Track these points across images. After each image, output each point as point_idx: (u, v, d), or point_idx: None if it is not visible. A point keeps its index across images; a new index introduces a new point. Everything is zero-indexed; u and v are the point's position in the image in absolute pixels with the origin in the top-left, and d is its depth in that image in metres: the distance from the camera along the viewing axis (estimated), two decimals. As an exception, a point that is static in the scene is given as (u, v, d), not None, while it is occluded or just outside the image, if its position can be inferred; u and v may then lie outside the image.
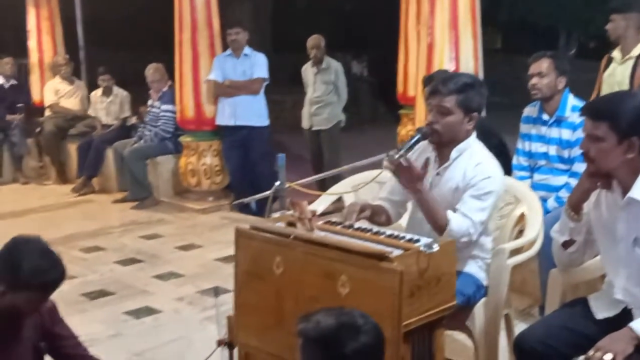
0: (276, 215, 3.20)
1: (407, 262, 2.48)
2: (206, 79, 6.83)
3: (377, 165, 3.75)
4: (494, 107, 7.43)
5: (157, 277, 5.08)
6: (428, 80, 4.41)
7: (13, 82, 8.66)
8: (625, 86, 4.57)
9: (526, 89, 4.09)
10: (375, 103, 14.46)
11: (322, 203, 3.73)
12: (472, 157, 3.00)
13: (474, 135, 3.06)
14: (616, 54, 4.69)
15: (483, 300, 3.07)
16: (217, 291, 3.34)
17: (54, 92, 8.54)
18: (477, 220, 2.90)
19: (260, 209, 5.64)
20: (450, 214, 2.88)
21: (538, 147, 4.10)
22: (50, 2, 9.29)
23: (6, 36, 9.75)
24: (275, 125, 7.15)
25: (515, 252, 3.19)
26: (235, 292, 2.99)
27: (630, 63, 4.59)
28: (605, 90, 4.74)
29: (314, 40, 7.43)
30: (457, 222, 2.87)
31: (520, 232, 3.38)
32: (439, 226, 2.87)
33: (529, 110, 4.18)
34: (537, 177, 4.12)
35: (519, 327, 3.67)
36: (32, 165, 8.71)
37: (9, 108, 8.41)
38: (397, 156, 2.88)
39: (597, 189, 2.60)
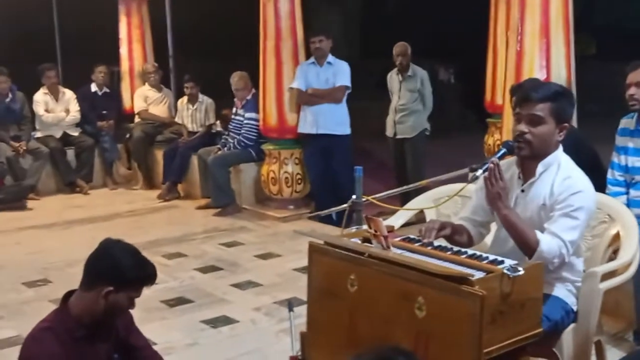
0: (352, 229, 3.11)
1: (489, 286, 2.33)
2: (289, 87, 6.81)
3: (460, 178, 3.60)
4: (587, 116, 7.13)
5: (235, 286, 5.07)
6: (516, 89, 4.20)
7: (106, 90, 8.91)
8: None
9: (622, 97, 3.84)
10: (463, 110, 14.17)
11: (400, 217, 3.61)
12: (560, 172, 2.80)
13: (560, 148, 2.87)
14: None
15: (572, 326, 2.87)
16: (291, 305, 3.27)
17: (143, 99, 8.75)
18: (569, 240, 2.70)
19: (340, 219, 5.56)
20: (539, 234, 2.69)
21: (635, 162, 3.83)
22: (141, 11, 9.53)
23: (104, 44, 10.09)
24: (360, 132, 7.06)
25: (609, 274, 2.97)
26: (309, 308, 2.92)
27: None
28: None
29: (400, 48, 7.30)
30: (547, 243, 2.67)
31: (615, 253, 3.15)
32: (529, 248, 2.68)
33: (626, 122, 3.92)
34: (634, 193, 3.84)
35: (611, 352, 3.46)
36: (121, 171, 8.93)
37: (102, 115, 8.65)
38: (480, 171, 2.73)
39: None
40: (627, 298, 3.77)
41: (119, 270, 2.49)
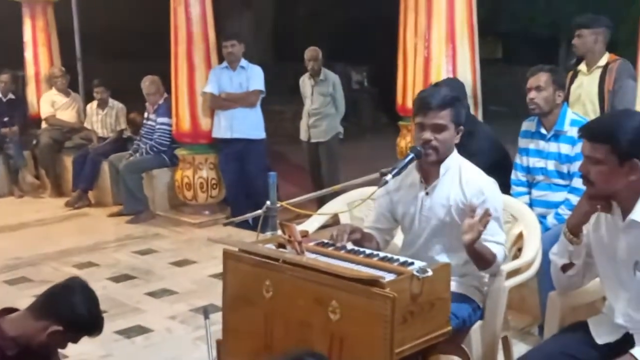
0: (267, 235, 3.12)
1: (400, 288, 2.40)
2: (202, 92, 6.76)
3: (374, 182, 3.67)
4: (493, 117, 7.37)
5: (149, 295, 4.99)
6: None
7: (11, 96, 8.60)
8: (594, 95, 4.71)
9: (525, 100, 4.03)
10: (376, 113, 14.40)
11: (315, 221, 3.65)
12: (462, 171, 2.95)
13: (455, 150, 3.01)
14: (582, 67, 4.85)
15: (479, 322, 2.98)
16: (206, 312, 3.25)
17: (50, 104, 8.50)
18: (503, 240, 2.92)
19: (257, 224, 5.56)
20: (493, 247, 2.84)
21: (536, 162, 4.02)
22: (47, 13, 9.25)
23: (4, 48, 9.72)
24: (275, 136, 7.07)
25: (513, 272, 3.10)
26: (224, 315, 2.92)
27: (598, 72, 4.74)
28: (572, 101, 4.76)
29: (311, 53, 7.37)
30: (499, 253, 2.86)
31: (519, 251, 3.29)
32: (488, 264, 2.84)
33: (527, 125, 4.11)
34: (536, 193, 4.03)
35: (518, 346, 3.60)
36: (28, 179, 8.63)
37: (6, 122, 8.34)
38: (390, 176, 2.82)
39: (596, 212, 2.51)
40: (532, 294, 3.94)
41: (74, 316, 2.47)
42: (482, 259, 2.82)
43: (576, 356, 2.50)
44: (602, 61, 4.76)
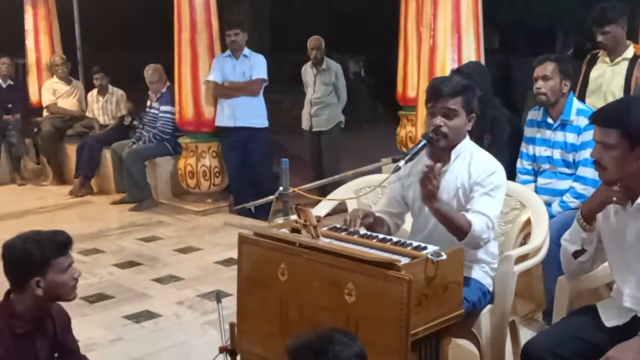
0: (279, 220, 3.17)
1: (415, 271, 2.45)
2: (205, 80, 6.78)
3: (377, 170, 3.73)
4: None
5: (156, 281, 5.04)
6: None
7: (10, 82, 8.61)
8: (618, 87, 4.50)
9: (522, 88, 4.06)
10: (373, 103, 14.44)
11: (323, 208, 3.69)
12: (473, 156, 3.00)
13: (468, 136, 3.06)
14: (604, 56, 4.61)
15: (489, 307, 3.04)
16: (218, 296, 3.30)
17: (52, 92, 8.51)
18: (492, 215, 2.88)
19: (259, 211, 5.61)
20: (469, 216, 2.84)
21: (542, 151, 4.06)
22: (48, 1, 9.25)
23: (4, 36, 9.69)
24: (272, 125, 7.10)
25: (521, 258, 3.16)
26: (238, 298, 2.97)
27: (625, 64, 4.51)
28: (592, 90, 4.63)
29: (315, 42, 7.41)
30: (478, 222, 2.82)
31: (525, 238, 3.34)
32: (463, 232, 2.81)
33: (533, 114, 4.14)
34: (541, 181, 4.08)
35: (523, 332, 3.66)
36: (29, 166, 8.66)
37: (7, 108, 8.34)
38: (403, 162, 2.86)
39: (612, 203, 2.54)
40: (537, 281, 4.00)
41: (30, 259, 2.49)
42: (452, 225, 2.80)
43: (586, 339, 2.56)
44: (629, 53, 4.50)
